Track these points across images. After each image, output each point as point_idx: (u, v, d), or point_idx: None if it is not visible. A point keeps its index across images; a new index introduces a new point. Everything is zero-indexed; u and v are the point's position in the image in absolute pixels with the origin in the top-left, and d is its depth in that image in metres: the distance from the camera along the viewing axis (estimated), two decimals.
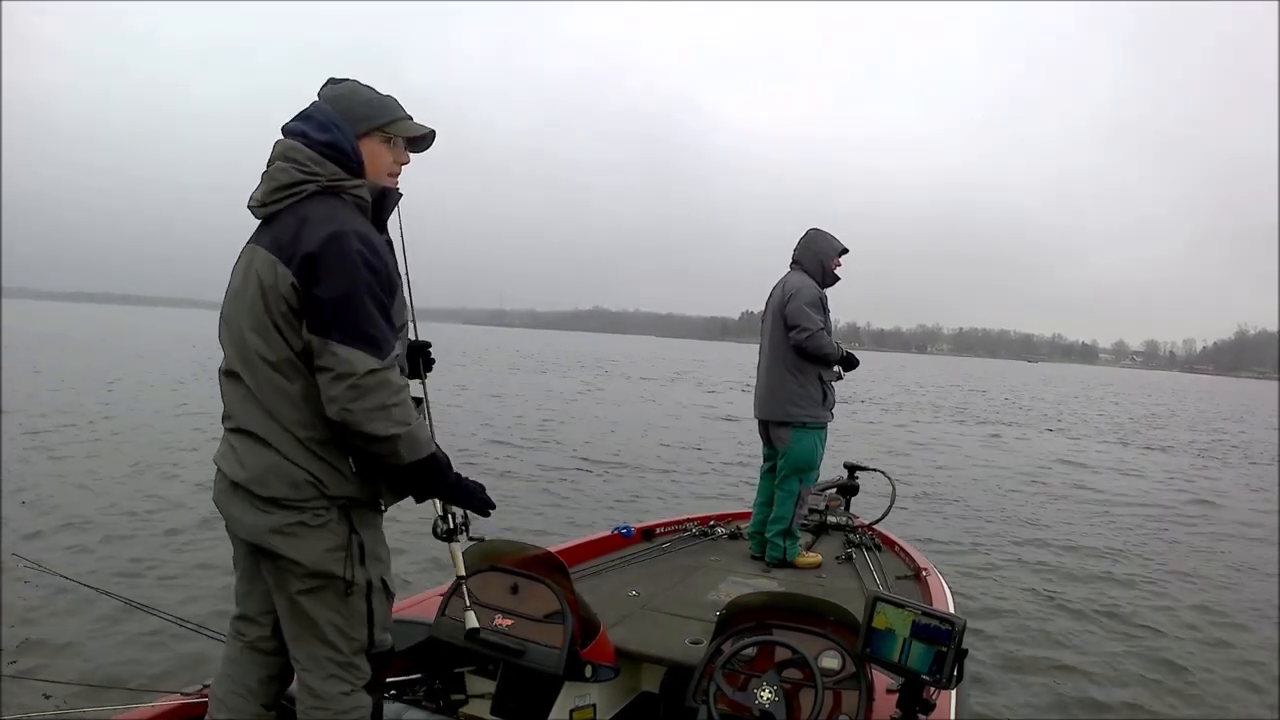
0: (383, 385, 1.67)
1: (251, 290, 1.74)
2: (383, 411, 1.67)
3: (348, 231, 1.70)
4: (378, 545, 1.86)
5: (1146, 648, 5.09)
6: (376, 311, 1.70)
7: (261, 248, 1.75)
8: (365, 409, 1.66)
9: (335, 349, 1.65)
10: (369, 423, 1.67)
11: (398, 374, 1.73)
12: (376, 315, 1.70)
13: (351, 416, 1.66)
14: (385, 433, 1.68)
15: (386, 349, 1.70)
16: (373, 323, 1.68)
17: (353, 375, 1.65)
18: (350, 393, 1.65)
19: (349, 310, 1.67)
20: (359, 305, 1.67)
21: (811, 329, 4.07)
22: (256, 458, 1.73)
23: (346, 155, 1.80)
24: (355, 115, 1.83)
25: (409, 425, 1.72)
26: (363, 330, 1.67)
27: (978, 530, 8.15)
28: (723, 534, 4.58)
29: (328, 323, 1.67)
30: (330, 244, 1.67)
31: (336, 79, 1.89)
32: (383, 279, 1.73)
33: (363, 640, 1.84)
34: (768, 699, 2.13)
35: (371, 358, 1.67)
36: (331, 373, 1.66)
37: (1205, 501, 10.92)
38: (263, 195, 1.79)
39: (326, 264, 1.67)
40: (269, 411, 1.73)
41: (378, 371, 1.67)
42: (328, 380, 1.67)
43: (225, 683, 1.93)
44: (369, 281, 1.69)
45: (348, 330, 1.66)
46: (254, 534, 1.75)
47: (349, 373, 1.65)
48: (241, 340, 1.75)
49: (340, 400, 1.66)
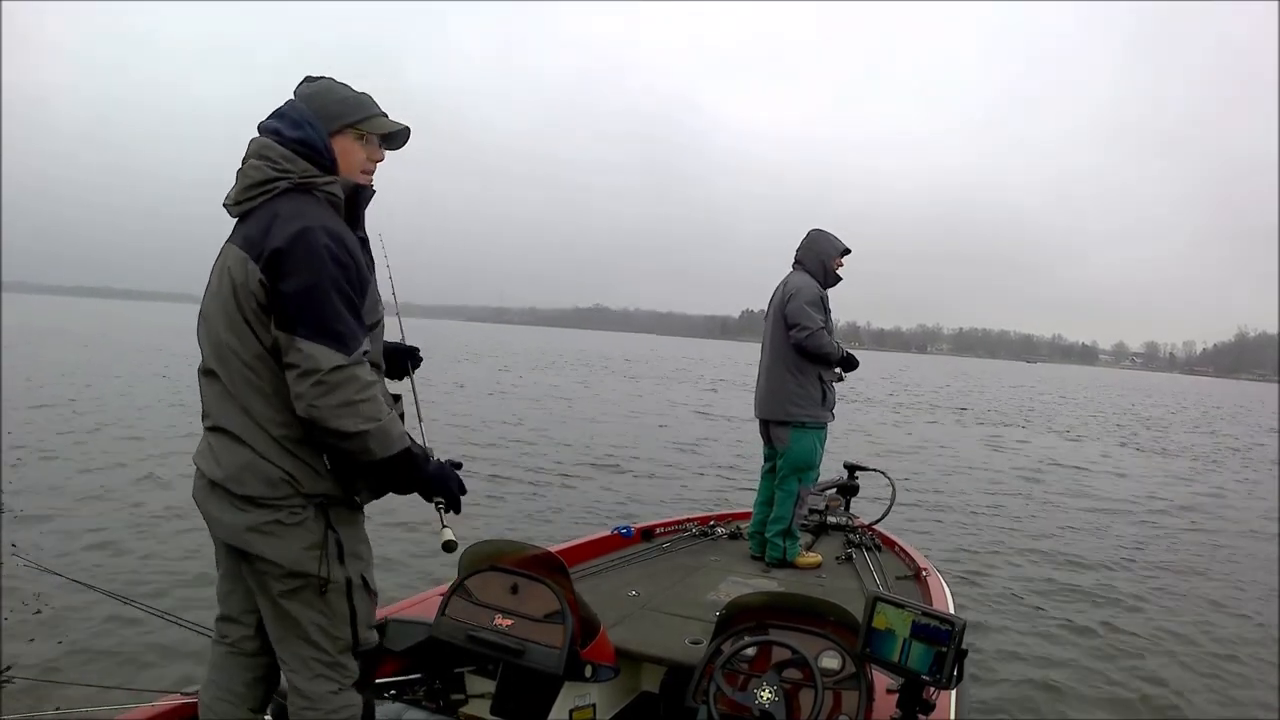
0: (349, 381, 1.66)
1: (225, 288, 1.75)
2: (349, 408, 1.66)
3: (315, 227, 1.69)
4: (357, 543, 1.85)
5: (1147, 649, 5.09)
6: (344, 307, 1.69)
7: (234, 245, 1.76)
8: (331, 405, 1.65)
9: (300, 345, 1.65)
10: (336, 419, 1.66)
11: (366, 370, 1.71)
12: (343, 311, 1.69)
13: (318, 413, 1.66)
14: (353, 429, 1.67)
15: (353, 345, 1.69)
16: (339, 319, 1.68)
17: (318, 372, 1.64)
18: (316, 389, 1.65)
19: (314, 306, 1.66)
20: (325, 301, 1.67)
21: (811, 328, 4.08)
22: (232, 456, 1.73)
23: (319, 152, 1.80)
24: (329, 113, 1.83)
25: (379, 421, 1.70)
26: (329, 326, 1.66)
27: (978, 530, 8.15)
28: (723, 534, 4.59)
29: (293, 319, 1.67)
30: (297, 240, 1.67)
31: (313, 77, 1.89)
32: (351, 274, 1.72)
33: (347, 639, 1.84)
34: (768, 699, 2.13)
35: (337, 353, 1.66)
36: (297, 369, 1.66)
37: (1199, 503, 10.93)
38: (236, 194, 1.80)
39: (293, 260, 1.67)
40: (244, 409, 1.73)
41: (343, 368, 1.66)
42: (294, 377, 1.67)
43: (211, 689, 1.94)
44: (336, 277, 1.69)
45: (313, 326, 1.66)
46: (231, 534, 1.76)
47: (314, 369, 1.64)
48: (217, 338, 1.76)
49: (306, 397, 1.65)
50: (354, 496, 1.83)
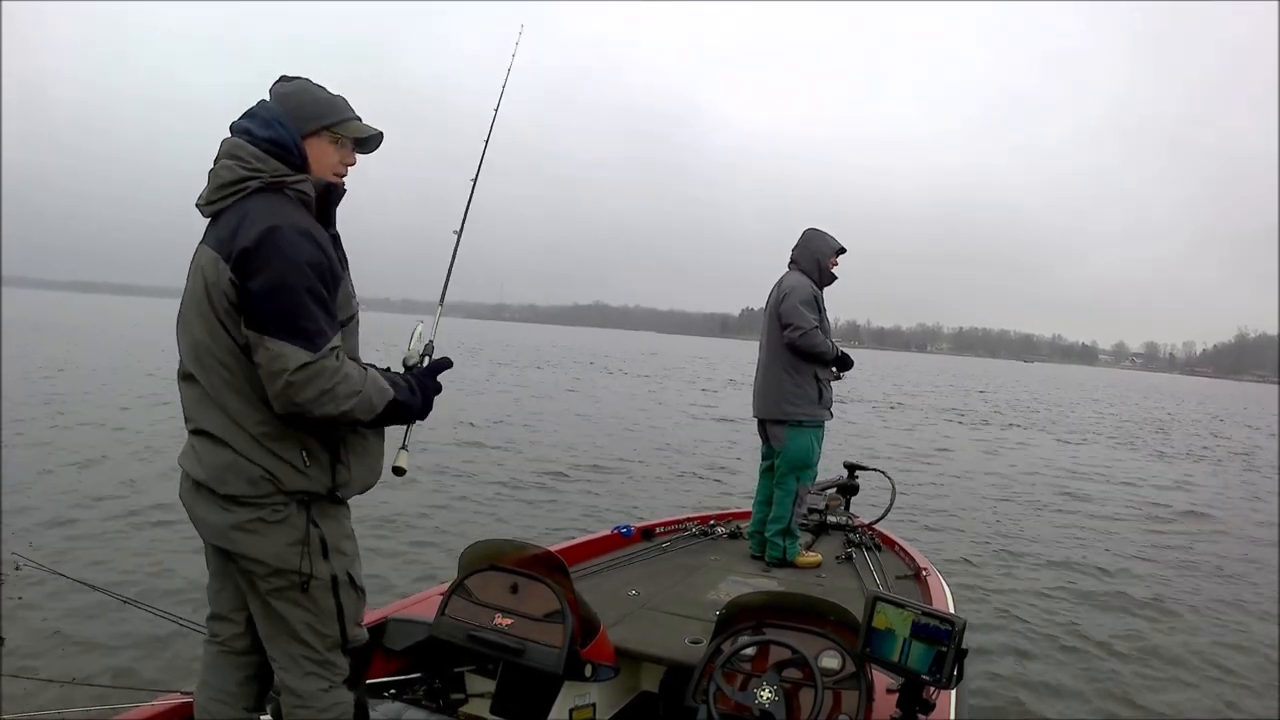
0: (317, 375, 1.68)
1: (199, 289, 1.76)
2: (326, 395, 1.69)
3: (283, 226, 1.70)
4: (341, 539, 1.86)
5: (1148, 649, 5.10)
6: (313, 304, 1.70)
7: (207, 246, 1.77)
8: (307, 399, 1.68)
9: (269, 344, 1.66)
10: (318, 409, 1.69)
11: (333, 361, 1.71)
12: (312, 308, 1.70)
13: (298, 409, 1.69)
14: (336, 411, 1.71)
15: (320, 341, 1.69)
16: (308, 316, 1.69)
17: (285, 371, 1.66)
18: (289, 389, 1.67)
19: (283, 304, 1.67)
20: (293, 299, 1.68)
21: (805, 327, 4.09)
22: (214, 456, 1.75)
23: (289, 151, 1.81)
24: (303, 114, 1.84)
25: (358, 394, 1.73)
26: (296, 324, 1.67)
27: (978, 530, 8.16)
28: (723, 533, 4.59)
29: (262, 317, 1.68)
30: (265, 239, 1.68)
31: (289, 77, 1.90)
32: (323, 271, 1.73)
33: (335, 636, 1.85)
34: (768, 699, 2.13)
35: (304, 351, 1.67)
36: (263, 369, 1.68)
37: (1204, 504, 10.94)
38: (208, 194, 1.81)
39: (260, 259, 1.68)
40: (222, 409, 1.74)
41: (310, 365, 1.67)
42: (266, 376, 1.69)
43: (206, 690, 1.95)
44: (305, 275, 1.69)
45: (281, 325, 1.67)
46: (216, 533, 1.77)
47: (282, 369, 1.66)
48: (194, 339, 1.77)
49: (282, 397, 1.68)
50: (336, 492, 1.84)
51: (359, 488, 1.89)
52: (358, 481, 1.87)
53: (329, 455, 1.80)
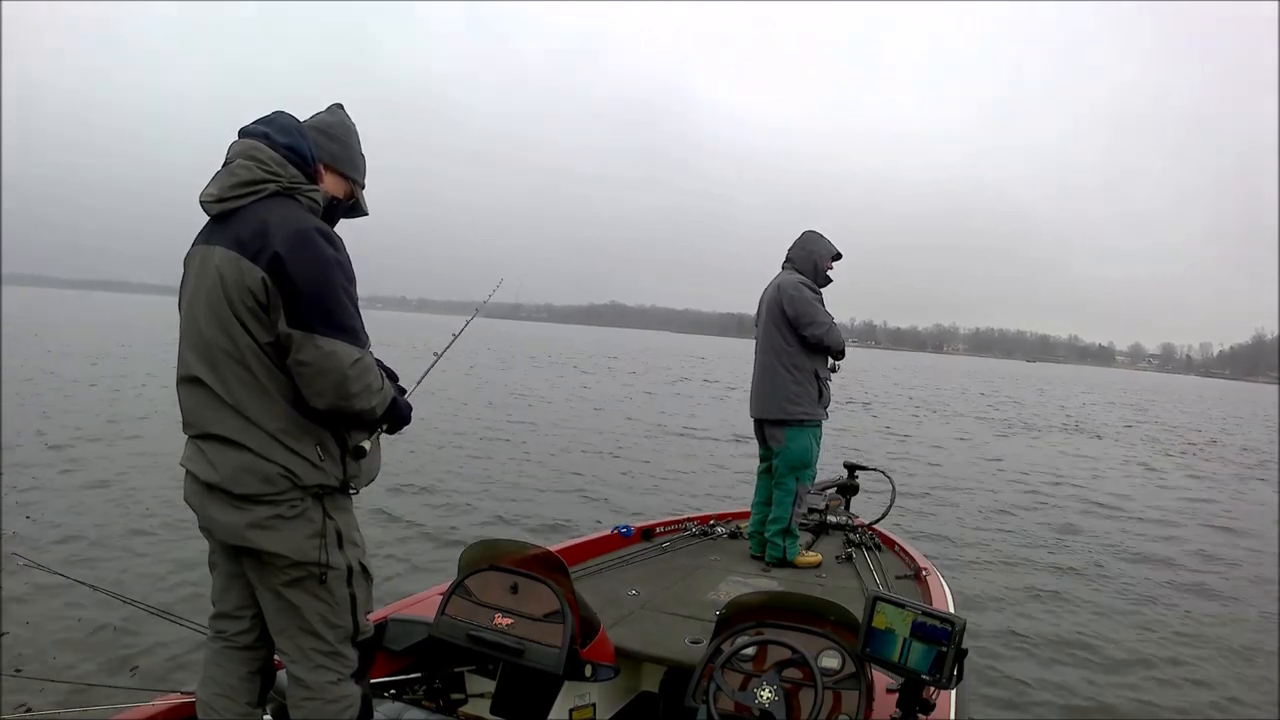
0: (368, 370, 1.79)
1: (213, 289, 1.76)
2: (370, 390, 1.80)
3: (313, 229, 1.78)
4: (352, 530, 1.90)
5: (1149, 650, 5.09)
6: (350, 303, 1.79)
7: (220, 246, 1.77)
8: (356, 393, 1.77)
9: (320, 342, 1.72)
10: (361, 403, 1.79)
11: (371, 357, 1.83)
12: (351, 306, 1.79)
13: (344, 403, 1.76)
14: (369, 405, 1.81)
15: (364, 337, 1.81)
16: (349, 314, 1.78)
17: (341, 366, 1.74)
18: (345, 383, 1.74)
19: (328, 303, 1.74)
20: (337, 297, 1.76)
21: (827, 323, 4.17)
22: (227, 459, 1.75)
23: (307, 161, 1.88)
24: (339, 152, 2.00)
25: (383, 390, 1.85)
26: (343, 323, 1.76)
27: (978, 530, 8.15)
28: (723, 533, 4.59)
29: (309, 316, 1.72)
30: (305, 242, 1.74)
31: (341, 106, 2.08)
32: (348, 272, 1.81)
33: (348, 627, 1.87)
34: (768, 699, 2.13)
35: (354, 348, 1.76)
36: (313, 366, 1.73)
37: (1203, 500, 10.93)
38: (220, 190, 1.81)
39: (304, 260, 1.73)
40: (237, 409, 1.75)
41: (360, 360, 1.77)
42: (312, 373, 1.73)
43: (209, 685, 1.95)
44: (342, 275, 1.78)
45: (329, 323, 1.74)
46: (233, 533, 1.78)
47: (338, 365, 1.73)
48: (203, 341, 1.77)
49: (331, 393, 1.74)
50: (348, 485, 1.87)
51: (367, 480, 1.94)
52: (366, 474, 1.93)
53: (340, 449, 1.85)
